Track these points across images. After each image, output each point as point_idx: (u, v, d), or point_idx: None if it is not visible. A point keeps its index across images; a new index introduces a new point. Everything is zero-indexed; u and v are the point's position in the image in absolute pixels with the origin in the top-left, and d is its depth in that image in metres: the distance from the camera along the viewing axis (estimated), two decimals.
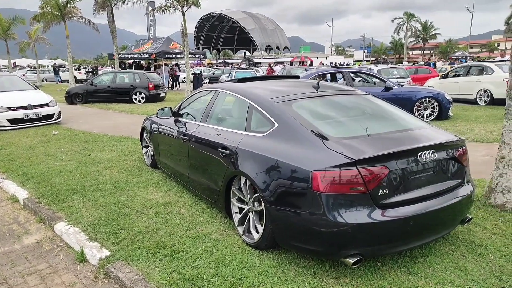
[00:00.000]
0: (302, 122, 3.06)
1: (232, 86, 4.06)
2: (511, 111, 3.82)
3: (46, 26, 24.61)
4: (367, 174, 2.60)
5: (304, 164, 2.73)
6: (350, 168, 2.58)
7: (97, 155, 6.64)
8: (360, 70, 11.90)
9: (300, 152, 2.86)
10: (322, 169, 2.61)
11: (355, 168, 2.59)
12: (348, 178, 2.58)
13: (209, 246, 3.30)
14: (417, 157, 2.79)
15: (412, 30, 71.39)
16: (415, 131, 3.17)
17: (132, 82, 15.78)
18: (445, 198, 2.94)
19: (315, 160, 2.71)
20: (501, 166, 3.90)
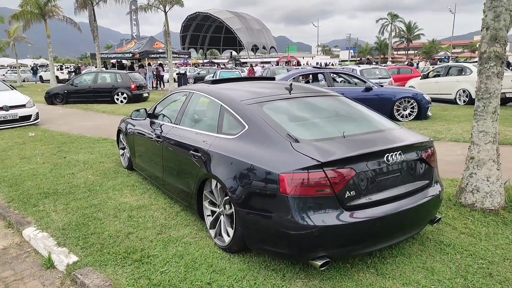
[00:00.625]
0: (272, 124, 3.05)
1: (205, 88, 4.04)
2: (479, 112, 3.88)
3: (26, 25, 24.16)
4: (334, 177, 2.61)
5: (272, 166, 2.72)
6: (317, 170, 2.58)
7: (73, 157, 6.53)
8: (340, 70, 11.98)
9: (269, 154, 2.85)
10: (289, 172, 2.61)
11: (321, 171, 2.59)
12: (315, 181, 2.58)
13: (180, 250, 3.27)
14: (384, 158, 2.81)
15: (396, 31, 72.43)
16: (384, 133, 3.19)
17: (114, 82, 15.58)
18: (413, 199, 2.97)
19: (283, 163, 2.70)
20: (471, 166, 3.97)
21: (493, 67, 3.72)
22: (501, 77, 3.77)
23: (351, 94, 9.42)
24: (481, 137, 3.89)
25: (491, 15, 3.65)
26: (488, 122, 3.83)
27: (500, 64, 3.71)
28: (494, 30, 3.65)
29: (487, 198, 3.84)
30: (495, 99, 3.79)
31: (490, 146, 3.86)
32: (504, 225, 3.63)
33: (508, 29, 3.65)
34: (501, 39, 3.65)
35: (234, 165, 3.01)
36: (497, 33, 3.64)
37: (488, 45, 3.71)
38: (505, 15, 3.60)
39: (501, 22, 3.61)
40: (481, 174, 3.88)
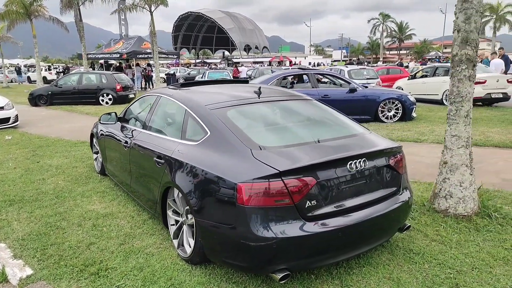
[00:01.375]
0: (234, 130, 2.94)
1: (171, 92, 3.91)
2: (452, 116, 3.80)
3: (11, 25, 23.80)
4: (293, 186, 2.50)
5: (231, 175, 2.61)
6: (275, 179, 2.48)
7: (46, 161, 6.36)
8: (325, 71, 11.91)
9: (229, 162, 2.74)
10: (246, 181, 2.50)
11: (280, 180, 2.48)
12: (273, 190, 2.47)
13: (140, 262, 3.14)
14: (347, 166, 2.71)
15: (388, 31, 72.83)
16: (350, 139, 3.10)
17: (99, 83, 15.36)
18: (379, 207, 2.87)
19: (241, 172, 2.59)
20: (444, 171, 3.89)
21: (464, 70, 3.65)
22: (473, 80, 3.70)
23: (336, 96, 9.38)
24: (453, 141, 3.81)
25: (462, 17, 3.57)
26: (460, 126, 3.76)
27: (471, 67, 3.63)
28: (465, 32, 3.57)
29: (460, 204, 3.77)
30: (467, 103, 3.71)
31: (463, 151, 3.78)
32: (476, 232, 3.56)
33: (479, 31, 3.58)
34: (472, 42, 3.57)
35: (194, 173, 2.90)
36: (468, 36, 3.56)
37: (460, 47, 3.63)
38: (476, 17, 3.52)
39: (472, 24, 3.53)
40: (454, 179, 3.81)
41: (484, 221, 3.71)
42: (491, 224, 3.67)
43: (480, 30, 3.58)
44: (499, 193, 4.61)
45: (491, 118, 10.08)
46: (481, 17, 3.57)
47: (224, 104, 3.31)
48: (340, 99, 9.43)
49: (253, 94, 3.59)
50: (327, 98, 9.35)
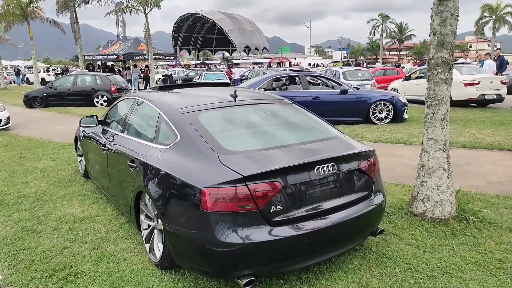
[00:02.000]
0: (203, 134, 2.92)
1: (148, 95, 3.90)
2: (429, 119, 3.79)
3: (8, 26, 23.84)
4: (257, 191, 2.49)
5: (195, 180, 2.60)
6: (239, 184, 2.46)
7: (32, 164, 6.35)
8: (316, 73, 11.89)
9: (195, 167, 2.72)
10: (210, 186, 2.48)
11: (244, 185, 2.47)
12: (237, 196, 2.46)
13: (111, 267, 3.13)
14: (314, 171, 2.69)
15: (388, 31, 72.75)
16: (321, 143, 3.08)
17: (94, 85, 15.37)
18: (349, 212, 2.86)
19: (206, 177, 2.58)
20: (422, 175, 3.87)
21: (441, 73, 3.63)
22: (450, 83, 3.68)
23: (326, 97, 9.37)
24: (431, 144, 3.79)
25: (438, 20, 3.55)
26: (437, 129, 3.74)
27: (447, 70, 3.62)
28: (441, 35, 3.56)
29: (437, 207, 3.75)
30: (444, 106, 3.70)
31: (440, 154, 3.76)
32: (452, 235, 3.54)
33: (455, 34, 3.56)
34: (448, 45, 3.56)
35: (162, 177, 2.88)
36: (444, 39, 3.55)
37: (436, 50, 3.62)
38: (451, 20, 3.50)
39: (447, 27, 3.52)
40: (431, 183, 3.79)
41: (461, 225, 3.69)
42: (467, 228, 3.64)
43: (456, 33, 3.56)
44: (482, 196, 4.59)
45: (483, 120, 10.05)
46: (457, 20, 3.55)
47: (197, 108, 3.29)
48: (331, 101, 9.42)
49: (229, 97, 3.57)
50: (318, 100, 9.35)
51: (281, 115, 3.70)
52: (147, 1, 16.05)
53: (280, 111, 3.74)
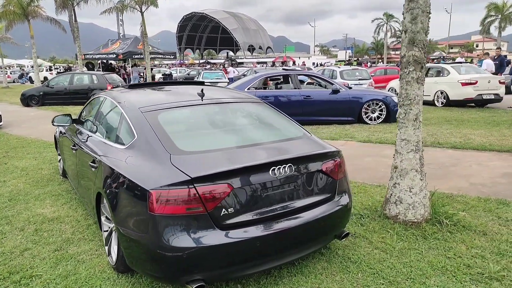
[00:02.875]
0: (159, 134, 2.84)
1: (115, 93, 3.83)
2: (401, 119, 3.68)
3: (9, 25, 23.95)
4: (206, 193, 2.41)
5: (145, 182, 2.52)
6: (187, 186, 2.38)
7: (14, 163, 6.33)
8: (308, 72, 11.77)
9: (147, 168, 2.65)
10: (157, 188, 2.41)
11: (192, 187, 2.39)
12: (184, 198, 2.38)
13: (68, 269, 3.06)
14: (269, 172, 2.61)
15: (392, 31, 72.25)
16: (282, 143, 3.00)
17: (90, 84, 15.38)
18: (308, 215, 2.77)
19: (155, 178, 2.50)
20: (394, 176, 3.77)
21: (412, 72, 3.53)
22: (422, 82, 3.58)
23: (318, 96, 9.27)
24: (403, 145, 3.69)
25: (409, 17, 3.45)
26: (409, 130, 3.63)
27: (419, 69, 3.51)
28: (412, 33, 3.45)
29: (409, 210, 3.65)
30: (415, 106, 3.59)
31: (412, 155, 3.66)
32: (423, 239, 3.43)
33: (427, 32, 3.45)
34: (419, 43, 3.45)
35: (116, 178, 2.81)
36: (415, 36, 3.44)
37: (407, 48, 3.51)
38: (422, 17, 3.40)
39: (418, 24, 3.41)
40: (403, 185, 3.68)
41: (433, 228, 3.58)
42: (440, 232, 3.54)
43: (428, 31, 3.45)
44: (462, 198, 4.47)
45: (478, 120, 9.89)
46: (429, 17, 3.45)
47: (159, 107, 3.22)
48: (322, 100, 9.31)
49: (196, 96, 3.49)
50: (309, 99, 9.25)
51: (248, 114, 3.62)
52: (143, 0, 16.03)
53: (248, 111, 3.66)
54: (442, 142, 7.41)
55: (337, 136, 8.20)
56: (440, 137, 7.83)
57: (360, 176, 5.44)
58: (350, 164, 6.09)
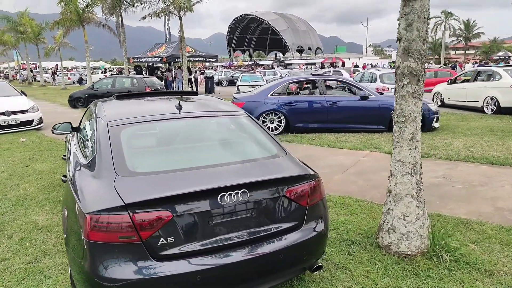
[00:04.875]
0: (115, 152, 2.72)
1: (100, 104, 3.78)
2: (396, 138, 3.27)
3: (66, 31, 25.61)
4: (141, 221, 2.24)
5: (85, 204, 2.40)
6: (119, 213, 2.23)
7: (34, 166, 6.61)
8: (335, 77, 11.24)
9: (92, 189, 2.53)
10: (92, 213, 2.28)
11: (126, 213, 2.23)
12: (117, 225, 2.22)
13: (31, 285, 3.04)
14: (218, 198, 2.38)
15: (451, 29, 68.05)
16: (244, 164, 2.73)
17: (131, 87, 15.95)
18: (265, 246, 2.51)
19: (94, 201, 2.37)
20: (388, 201, 3.36)
21: (407, 86, 3.11)
22: (418, 97, 3.14)
23: (345, 103, 8.82)
24: (397, 167, 3.28)
25: (404, 23, 3.04)
26: (404, 150, 3.22)
27: (415, 82, 3.09)
28: (406, 41, 3.04)
29: (403, 241, 3.23)
30: (411, 123, 3.17)
31: (408, 179, 3.23)
32: (413, 276, 3.01)
33: (424, 40, 3.02)
34: (415, 52, 3.03)
35: (70, 195, 2.73)
36: (410, 45, 3.03)
37: (401, 59, 3.10)
38: (419, 24, 2.98)
39: (414, 32, 3.00)
40: (397, 211, 3.27)
41: (429, 264, 3.14)
42: (436, 268, 3.09)
43: (426, 38, 3.02)
44: (480, 226, 3.93)
45: None
46: (427, 23, 3.02)
47: (128, 121, 3.10)
48: (349, 107, 8.83)
49: (174, 109, 3.34)
50: (335, 106, 8.82)
51: (224, 130, 3.41)
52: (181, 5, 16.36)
53: (225, 126, 3.44)
54: (478, 156, 6.67)
55: (361, 146, 7.70)
56: (477, 150, 7.07)
57: (369, 193, 5.01)
58: (363, 179, 5.66)
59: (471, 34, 70.80)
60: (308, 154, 7.21)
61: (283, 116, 8.89)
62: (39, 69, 38.44)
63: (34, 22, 33.64)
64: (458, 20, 67.27)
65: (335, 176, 5.83)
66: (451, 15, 66.47)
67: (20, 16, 34.11)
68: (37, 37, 33.77)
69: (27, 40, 34.82)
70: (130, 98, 4.01)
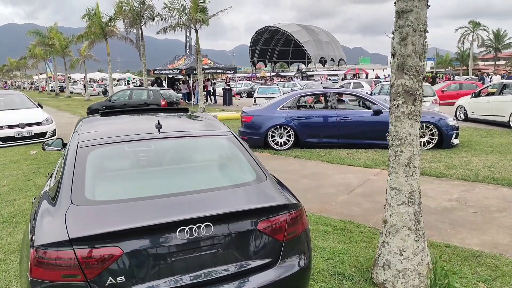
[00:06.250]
0: (76, 177, 2.52)
1: (81, 121, 3.63)
2: (391, 163, 2.95)
3: (90, 44, 26.32)
4: (86, 258, 2.01)
5: (34, 236, 2.19)
6: (64, 248, 2.02)
7: (36, 180, 6.57)
8: (346, 91, 10.86)
9: (46, 218, 2.33)
10: (37, 247, 2.07)
11: (70, 249, 2.01)
12: (60, 262, 2.01)
13: None
14: (176, 233, 2.14)
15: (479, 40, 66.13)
16: (212, 193, 2.47)
17: (147, 99, 16.07)
18: (234, 285, 2.24)
19: (43, 233, 2.17)
20: (384, 233, 3.03)
21: (402, 106, 2.80)
22: (415, 118, 2.82)
23: (357, 118, 8.48)
24: (393, 195, 2.95)
25: (397, 37, 2.75)
26: (400, 177, 2.89)
27: (411, 101, 2.77)
28: (401, 57, 2.74)
29: (399, 279, 2.88)
30: (407, 147, 2.84)
31: (404, 209, 2.90)
32: None
33: (421, 55, 2.71)
34: (411, 69, 2.72)
35: (28, 223, 2.55)
36: (405, 61, 2.72)
37: (396, 76, 2.80)
38: (414, 38, 2.67)
39: (409, 46, 2.69)
40: (393, 245, 2.93)
41: None
42: None
43: (423, 53, 2.71)
44: (493, 260, 3.52)
45: None
46: (424, 37, 2.71)
47: (99, 141, 2.91)
48: (361, 121, 8.46)
49: (153, 129, 3.13)
50: (346, 121, 8.47)
51: (201, 152, 3.17)
52: (197, 19, 16.47)
53: (205, 148, 3.20)
54: (499, 177, 6.17)
55: (373, 163, 7.30)
56: (499, 171, 6.55)
57: (374, 218, 4.64)
58: (370, 200, 5.29)
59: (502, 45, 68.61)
60: (314, 172, 6.88)
61: (292, 131, 8.61)
62: (66, 81, 39.66)
63: (62, 36, 34.87)
64: (487, 30, 65.28)
65: (339, 197, 5.49)
66: (479, 25, 64.63)
67: (50, 30, 35.47)
68: (64, 50, 34.92)
69: (54, 53, 36.07)
70: (115, 115, 3.85)
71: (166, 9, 18.19)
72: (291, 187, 2.88)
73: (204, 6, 16.83)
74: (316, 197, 5.48)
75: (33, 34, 35.04)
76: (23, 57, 53.28)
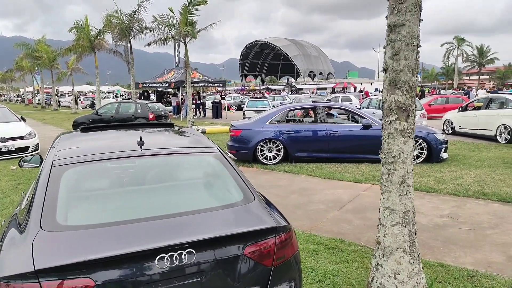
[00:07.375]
0: (48, 199, 2.33)
1: (60, 137, 3.45)
2: (384, 181, 2.83)
3: (78, 57, 26.07)
4: None
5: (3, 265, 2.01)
6: (29, 281, 1.83)
7: (14, 197, 6.30)
8: (336, 105, 10.85)
9: (13, 246, 2.13)
10: (1, 278, 1.88)
11: (36, 282, 1.82)
12: None
13: None
14: (155, 261, 1.97)
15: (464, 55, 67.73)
16: (194, 216, 2.31)
17: (134, 112, 15.84)
18: None
19: (7, 263, 1.97)
20: (377, 254, 2.89)
21: (395, 122, 2.70)
22: (408, 135, 2.72)
23: (346, 132, 8.41)
24: (386, 215, 2.82)
25: (390, 52, 2.66)
26: (394, 196, 2.77)
27: (404, 118, 2.68)
28: (393, 72, 2.65)
29: None
30: (401, 165, 2.73)
31: (398, 230, 2.77)
32: None
33: (414, 71, 2.63)
34: (404, 84, 2.63)
35: None
36: (398, 76, 2.63)
37: (388, 91, 2.71)
38: (407, 52, 2.59)
39: (402, 61, 2.61)
40: (387, 268, 2.79)
41: None
42: None
43: (416, 68, 2.62)
44: (488, 280, 3.40)
45: None
46: (417, 51, 2.63)
47: (76, 159, 2.72)
48: (351, 135, 8.40)
49: (135, 146, 2.96)
50: (336, 135, 8.40)
51: (185, 171, 3.01)
52: (186, 33, 16.45)
53: (188, 166, 3.04)
54: (489, 192, 6.12)
55: (363, 178, 7.20)
56: (488, 185, 6.51)
57: (365, 235, 4.51)
58: (361, 217, 5.16)
59: (485, 60, 70.37)
60: (304, 187, 6.74)
61: (281, 145, 8.49)
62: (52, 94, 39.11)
63: (49, 49, 34.50)
64: (471, 46, 66.98)
65: (329, 214, 5.35)
66: (463, 41, 66.28)
67: (37, 43, 35.09)
68: (51, 62, 34.53)
69: (42, 66, 35.64)
70: (96, 130, 3.67)
71: (156, 23, 18.17)
72: (280, 203, 2.74)
73: (194, 20, 16.85)
74: (306, 214, 5.33)
75: (20, 46, 34.62)
76: (9, 70, 52.57)
